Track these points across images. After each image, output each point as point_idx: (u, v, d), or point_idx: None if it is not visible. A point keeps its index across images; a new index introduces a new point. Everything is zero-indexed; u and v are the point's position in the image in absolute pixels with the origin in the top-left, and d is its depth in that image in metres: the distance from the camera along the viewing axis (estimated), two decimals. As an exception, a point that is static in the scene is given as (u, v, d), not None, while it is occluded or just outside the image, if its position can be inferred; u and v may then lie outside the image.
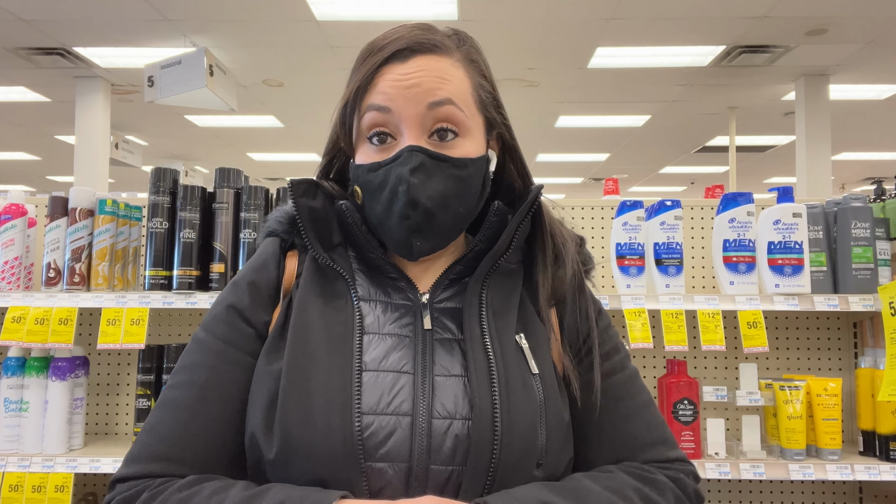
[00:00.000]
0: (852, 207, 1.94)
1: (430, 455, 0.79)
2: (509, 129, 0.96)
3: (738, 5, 5.15)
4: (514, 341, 0.87)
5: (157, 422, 0.85)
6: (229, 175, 1.95)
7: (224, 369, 0.86)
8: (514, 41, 5.91)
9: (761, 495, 2.11)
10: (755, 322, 1.83)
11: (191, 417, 0.84)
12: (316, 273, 0.91)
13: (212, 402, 0.85)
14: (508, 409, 0.81)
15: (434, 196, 0.85)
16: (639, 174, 12.56)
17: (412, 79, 0.86)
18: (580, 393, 0.89)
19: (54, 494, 1.78)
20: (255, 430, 0.82)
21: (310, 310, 0.87)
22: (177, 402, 0.85)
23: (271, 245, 0.95)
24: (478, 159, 0.89)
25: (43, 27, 5.60)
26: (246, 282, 0.92)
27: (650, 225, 1.95)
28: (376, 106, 0.87)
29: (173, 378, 0.88)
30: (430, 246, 0.89)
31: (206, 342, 0.88)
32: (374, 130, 0.88)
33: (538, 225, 0.95)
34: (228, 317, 0.89)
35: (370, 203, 0.89)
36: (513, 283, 0.93)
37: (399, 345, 0.85)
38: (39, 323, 1.81)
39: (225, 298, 0.91)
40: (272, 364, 0.84)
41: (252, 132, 9.29)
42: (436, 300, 0.90)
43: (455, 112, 0.87)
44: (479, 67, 0.93)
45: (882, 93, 7.37)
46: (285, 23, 5.54)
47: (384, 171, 0.87)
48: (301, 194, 0.92)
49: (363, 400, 0.80)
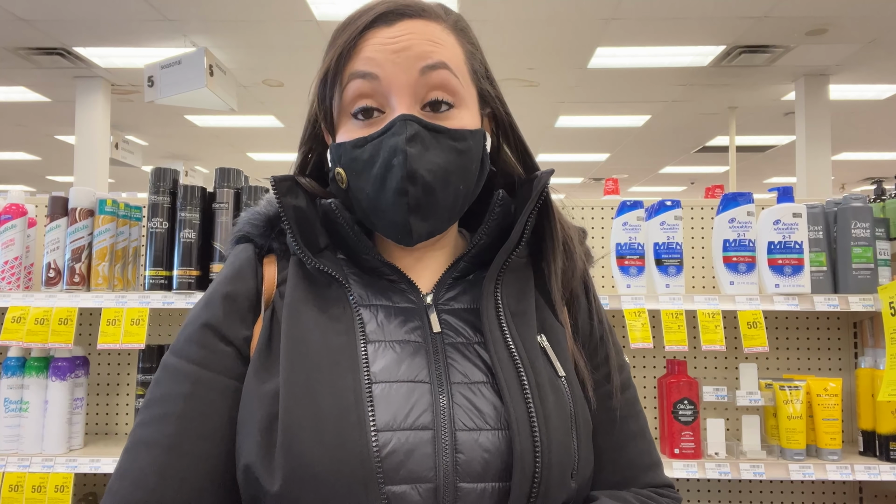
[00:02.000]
0: (852, 207, 1.94)
1: (457, 472, 0.70)
2: (504, 105, 0.86)
3: (738, 5, 5.15)
4: (538, 343, 0.80)
5: (129, 465, 0.73)
6: (229, 175, 1.95)
7: (203, 397, 0.75)
8: (514, 41, 5.91)
9: (761, 495, 2.11)
10: (755, 322, 1.83)
11: (169, 457, 0.72)
12: (304, 279, 0.81)
13: (193, 436, 0.73)
14: (544, 417, 0.73)
15: (434, 170, 0.76)
16: (639, 174, 12.56)
17: (401, 41, 0.77)
18: (595, 406, 0.83)
19: (54, 494, 1.78)
20: (251, 462, 0.71)
21: (303, 320, 0.77)
22: (152, 441, 0.73)
23: (244, 252, 0.84)
24: (476, 132, 0.80)
25: (43, 27, 5.60)
26: (220, 295, 0.80)
27: (650, 225, 1.95)
28: (361, 73, 0.77)
29: (143, 413, 0.76)
30: (430, 228, 0.79)
31: (179, 368, 0.76)
32: (360, 104, 0.78)
33: (546, 214, 0.86)
34: (203, 337, 0.77)
35: (357, 183, 0.79)
36: (525, 280, 0.85)
37: (409, 352, 0.77)
38: (39, 323, 1.81)
39: (197, 317, 0.79)
40: (265, 384, 0.74)
41: (252, 132, 9.29)
42: (441, 301, 0.82)
43: (450, 78, 0.78)
44: (468, 37, 0.85)
45: (882, 93, 7.36)
46: (285, 23, 5.54)
47: (373, 144, 0.77)
48: (285, 193, 0.82)
49: (377, 415, 0.71)
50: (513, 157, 0.90)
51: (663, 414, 1.89)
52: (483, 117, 0.85)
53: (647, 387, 2.12)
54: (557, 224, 0.86)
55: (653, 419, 2.08)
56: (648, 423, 0.93)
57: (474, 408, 0.74)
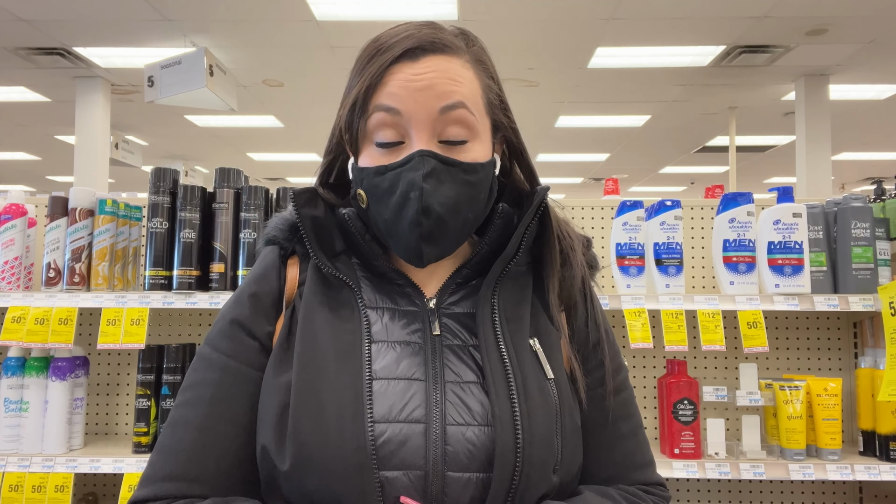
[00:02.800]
0: (852, 207, 1.94)
1: (445, 462, 0.78)
2: (516, 133, 0.94)
3: (738, 5, 5.15)
4: (529, 346, 0.87)
5: (167, 442, 0.85)
6: (229, 175, 1.95)
7: (230, 384, 0.86)
8: (514, 41, 5.91)
9: (761, 495, 2.11)
10: (755, 322, 1.83)
11: (201, 435, 0.83)
12: (320, 282, 0.90)
13: (221, 418, 0.84)
14: (528, 415, 0.81)
15: (445, 203, 0.84)
16: (639, 174, 12.56)
17: (423, 80, 0.84)
18: (588, 406, 0.90)
19: (54, 494, 1.78)
20: (267, 443, 0.81)
21: (316, 320, 0.86)
22: (186, 421, 0.85)
23: (271, 254, 0.95)
24: (486, 164, 0.88)
25: (43, 27, 5.60)
26: (247, 294, 0.91)
27: (650, 225, 1.95)
28: (385, 107, 0.85)
29: (180, 396, 0.87)
30: (439, 252, 0.87)
31: (211, 358, 0.88)
32: (383, 134, 0.86)
33: (545, 226, 0.93)
34: (232, 331, 0.89)
35: (377, 207, 0.87)
36: (523, 287, 0.92)
37: (409, 352, 0.85)
38: (39, 323, 1.81)
39: (228, 313, 0.91)
40: (280, 376, 0.84)
41: (252, 132, 9.29)
42: (443, 305, 0.90)
43: (467, 116, 0.85)
44: (487, 69, 0.91)
45: (882, 93, 7.37)
46: (285, 23, 5.54)
47: (393, 174, 0.84)
48: (304, 204, 0.91)
49: (375, 409, 0.79)
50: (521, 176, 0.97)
51: (663, 414, 1.89)
52: (495, 143, 0.92)
53: (647, 387, 2.12)
54: (555, 235, 0.93)
55: (653, 419, 2.08)
56: (648, 423, 0.95)
57: (464, 405, 0.81)
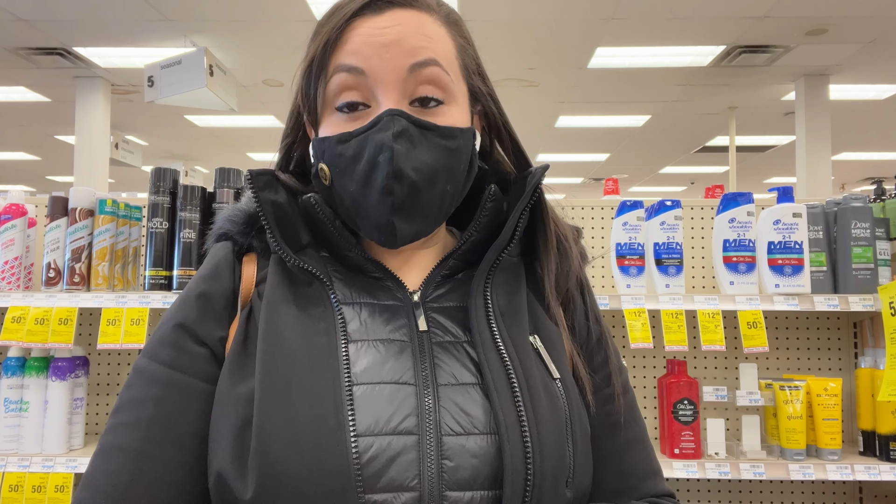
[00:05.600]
0: (852, 207, 1.94)
1: (443, 479, 0.66)
2: (496, 102, 0.83)
3: (738, 5, 5.15)
4: (530, 343, 0.76)
5: (96, 473, 0.70)
6: (229, 175, 1.95)
7: (174, 401, 0.72)
8: (514, 41, 5.91)
9: (761, 495, 2.11)
10: (755, 322, 1.83)
11: (137, 463, 0.69)
12: (284, 277, 0.77)
13: (162, 442, 0.70)
14: (537, 421, 0.70)
15: (420, 168, 0.72)
16: (639, 174, 12.55)
17: (389, 34, 0.73)
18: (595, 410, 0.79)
19: (54, 494, 1.78)
20: (223, 469, 0.67)
21: (282, 320, 0.73)
22: (119, 447, 0.70)
23: (222, 249, 0.81)
24: (466, 130, 0.77)
25: (43, 27, 5.60)
26: (195, 294, 0.77)
27: (650, 225, 1.95)
28: (347, 67, 0.74)
29: (113, 419, 0.73)
30: (415, 230, 0.75)
31: (150, 371, 0.73)
32: (345, 97, 0.75)
33: (539, 213, 0.82)
34: (175, 337, 0.74)
35: (341, 181, 0.75)
36: (516, 279, 0.81)
37: (394, 351, 0.73)
38: (39, 323, 1.81)
39: (171, 317, 0.76)
40: (238, 386, 0.70)
41: (252, 132, 9.29)
42: (429, 298, 0.78)
43: (441, 75, 0.74)
44: (461, 30, 0.81)
45: (882, 93, 7.36)
46: (285, 23, 5.54)
47: (358, 140, 0.73)
48: (263, 187, 0.78)
49: (357, 419, 0.67)
50: (505, 156, 0.86)
51: (663, 414, 1.89)
52: (473, 115, 0.82)
53: (646, 387, 2.12)
54: (551, 222, 0.83)
55: (653, 419, 2.08)
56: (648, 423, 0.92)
57: (462, 411, 0.70)
